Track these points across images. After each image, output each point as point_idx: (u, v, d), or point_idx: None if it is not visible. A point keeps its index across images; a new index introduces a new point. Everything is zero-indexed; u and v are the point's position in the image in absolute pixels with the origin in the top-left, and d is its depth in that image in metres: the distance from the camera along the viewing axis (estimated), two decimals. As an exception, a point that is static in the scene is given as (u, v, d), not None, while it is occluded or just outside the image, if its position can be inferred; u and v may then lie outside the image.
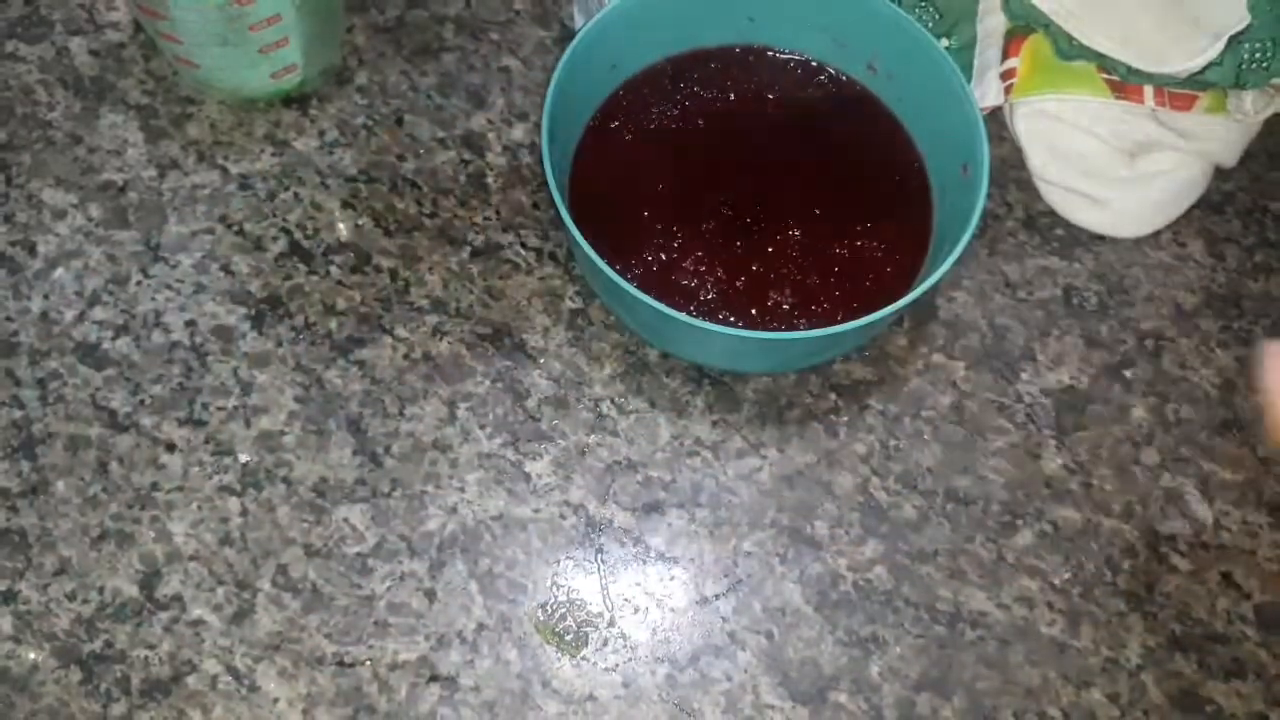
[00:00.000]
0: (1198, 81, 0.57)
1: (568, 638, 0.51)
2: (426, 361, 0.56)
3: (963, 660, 0.52)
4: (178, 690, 0.49)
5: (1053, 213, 0.61)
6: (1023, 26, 0.59)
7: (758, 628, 0.52)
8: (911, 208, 0.57)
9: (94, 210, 0.58)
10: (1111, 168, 0.59)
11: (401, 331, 0.56)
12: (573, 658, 0.51)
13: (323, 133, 0.60)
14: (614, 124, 0.58)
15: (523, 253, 0.58)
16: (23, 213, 0.58)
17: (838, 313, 0.53)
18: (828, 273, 0.56)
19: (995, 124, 0.61)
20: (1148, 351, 0.58)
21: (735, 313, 0.53)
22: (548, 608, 0.52)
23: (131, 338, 0.55)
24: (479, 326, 0.57)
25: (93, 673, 0.50)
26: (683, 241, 0.56)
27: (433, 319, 0.57)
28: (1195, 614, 0.53)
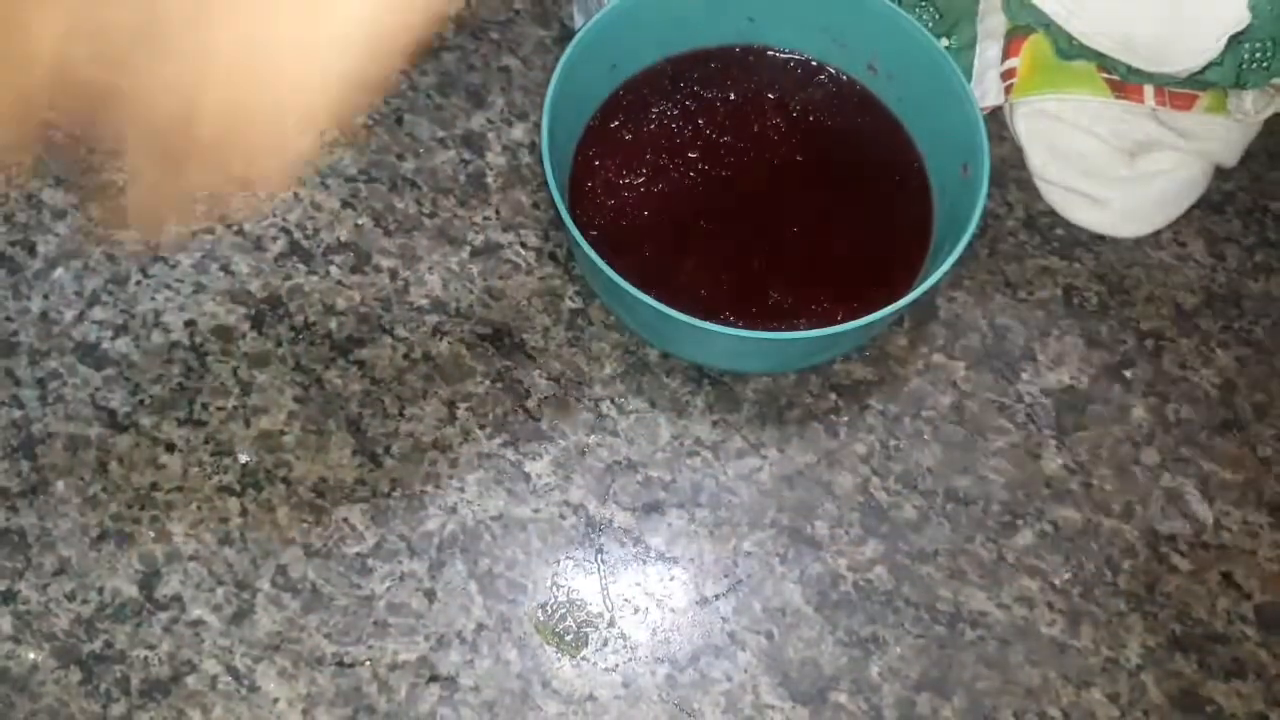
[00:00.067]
0: (1198, 81, 0.57)
1: (568, 638, 0.51)
2: (426, 361, 0.56)
3: (963, 660, 0.52)
4: (178, 690, 0.49)
5: (1053, 213, 0.61)
6: (1023, 26, 0.59)
7: (758, 628, 0.52)
8: (911, 208, 0.57)
9: (94, 210, 0.58)
10: (1111, 168, 0.59)
11: (401, 331, 0.56)
12: (573, 658, 0.51)
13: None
14: (614, 124, 0.58)
15: (523, 253, 0.58)
16: (23, 213, 0.58)
17: (838, 313, 0.53)
18: (828, 273, 0.56)
19: (995, 124, 0.61)
20: (1148, 351, 0.58)
21: (735, 313, 0.53)
22: (548, 608, 0.52)
23: (131, 338, 0.55)
24: (479, 326, 0.57)
25: (93, 673, 0.49)
26: (683, 241, 0.56)
27: (433, 319, 0.57)
28: (1195, 614, 0.53)
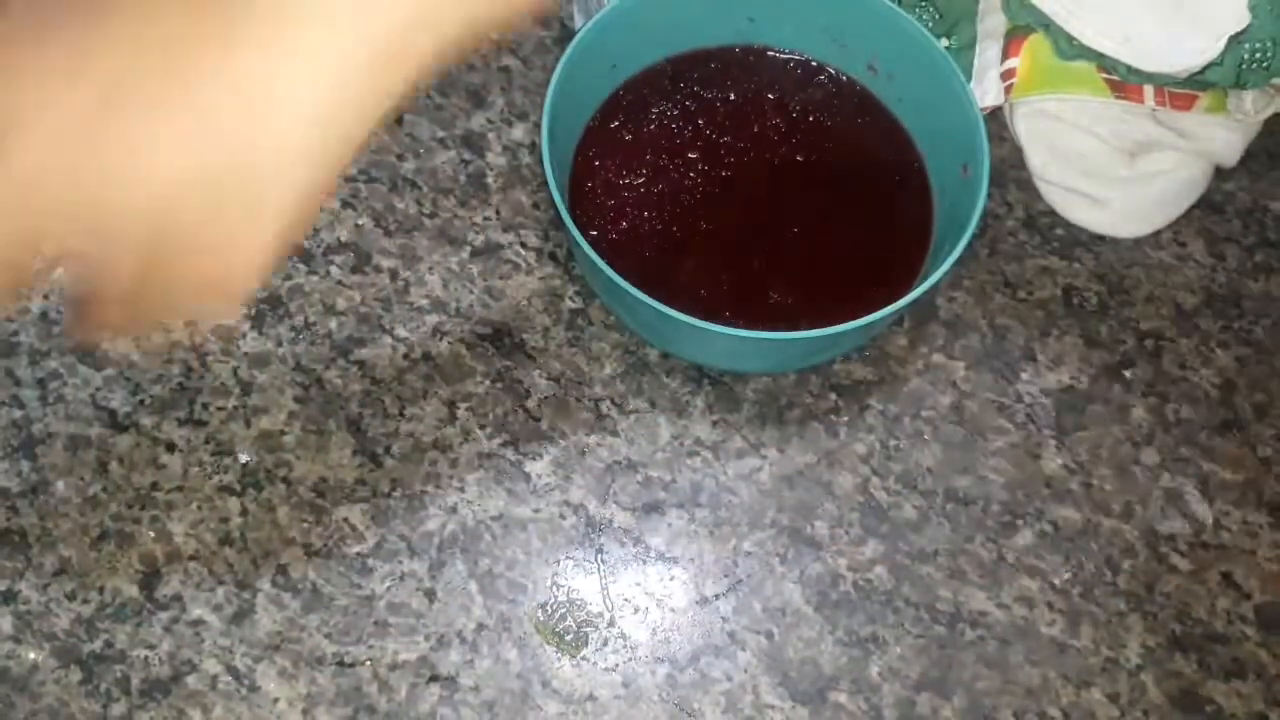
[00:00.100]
0: (1198, 81, 0.57)
1: (568, 638, 0.51)
2: (426, 361, 0.56)
3: (963, 660, 0.52)
4: (178, 690, 0.49)
5: (1053, 213, 0.61)
6: (1023, 26, 0.59)
7: (758, 628, 0.52)
8: (911, 208, 0.57)
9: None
10: (1111, 168, 0.59)
11: (401, 331, 0.56)
12: (573, 658, 0.51)
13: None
14: (614, 124, 0.58)
15: (523, 253, 0.58)
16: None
17: (838, 313, 0.53)
18: (828, 273, 0.56)
19: (995, 124, 0.61)
20: (1148, 351, 0.58)
21: (735, 313, 0.53)
22: (548, 608, 0.52)
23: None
24: (479, 326, 0.57)
25: (93, 673, 0.49)
26: (683, 241, 0.56)
27: (433, 319, 0.57)
28: (1195, 614, 0.53)
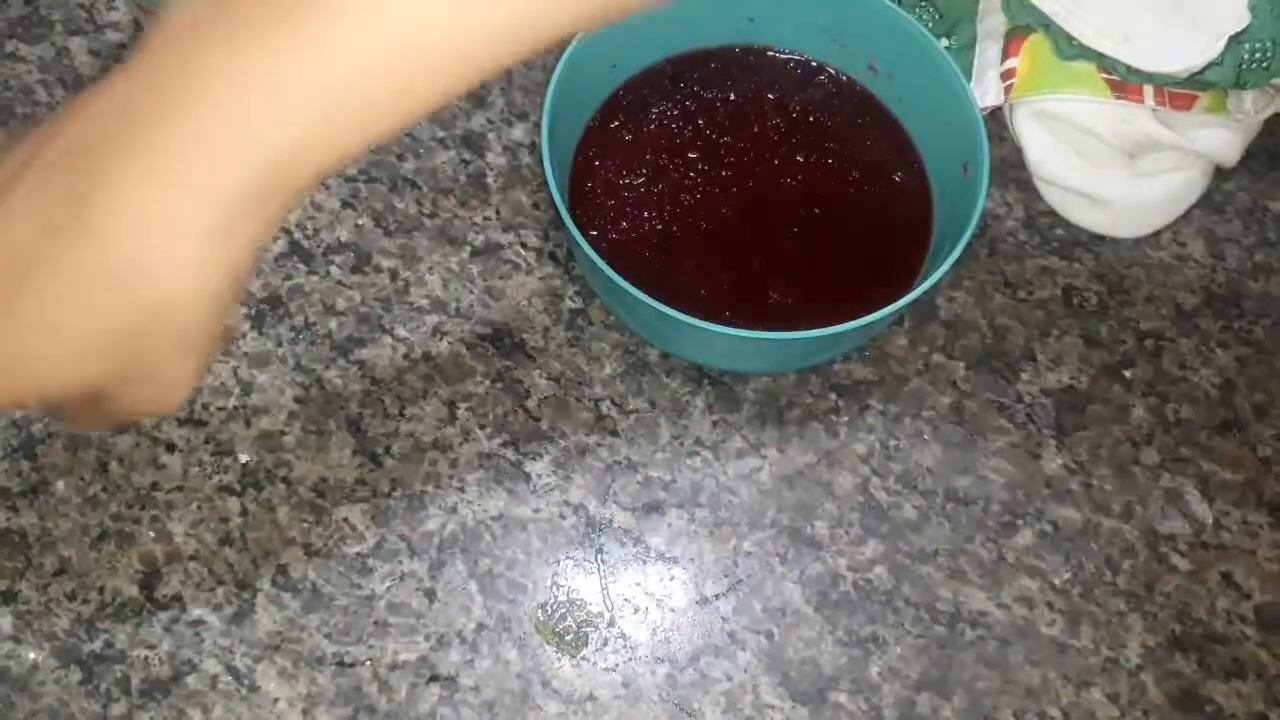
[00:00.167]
0: (1198, 81, 0.57)
1: (568, 638, 0.51)
2: (426, 361, 0.56)
3: (963, 660, 0.52)
4: (178, 690, 0.49)
5: (1053, 213, 0.61)
6: (1023, 26, 0.59)
7: (758, 628, 0.52)
8: (911, 208, 0.57)
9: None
10: (1111, 168, 0.59)
11: (401, 331, 0.56)
12: (573, 658, 0.51)
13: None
14: (614, 124, 0.58)
15: (523, 253, 0.58)
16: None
17: (838, 313, 0.53)
18: (828, 273, 0.56)
19: (995, 124, 0.61)
20: (1148, 351, 0.58)
21: (735, 313, 0.53)
22: (548, 608, 0.52)
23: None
24: (479, 326, 0.57)
25: (93, 673, 0.49)
26: (683, 241, 0.56)
27: (433, 319, 0.57)
28: (1195, 614, 0.53)
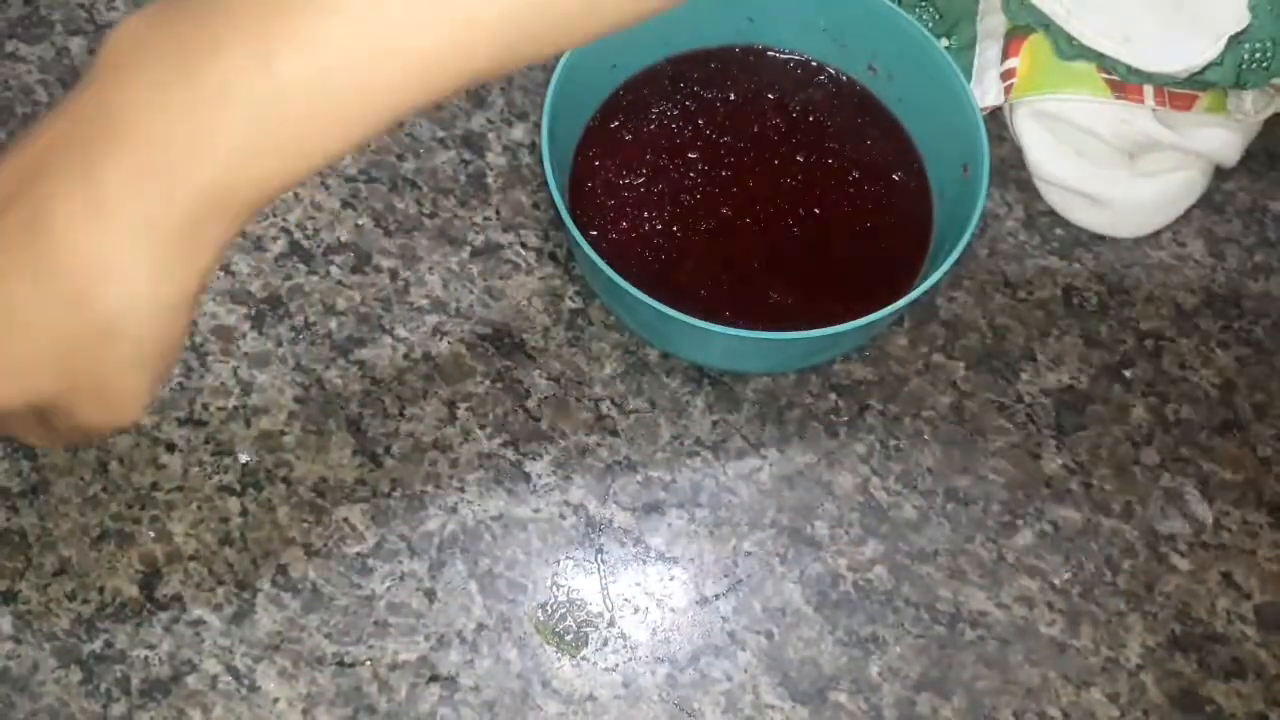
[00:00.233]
0: (1198, 81, 0.57)
1: (568, 638, 0.51)
2: (426, 361, 0.56)
3: (963, 660, 0.52)
4: (178, 690, 0.49)
5: (1053, 213, 0.61)
6: (1023, 26, 0.59)
7: (758, 628, 0.52)
8: (911, 208, 0.57)
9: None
10: (1111, 168, 0.59)
11: (401, 331, 0.56)
12: (573, 658, 0.51)
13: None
14: (614, 124, 0.58)
15: (523, 253, 0.58)
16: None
17: (838, 313, 0.53)
18: (828, 273, 0.56)
19: (995, 124, 0.61)
20: (1148, 351, 0.58)
21: (735, 313, 0.53)
22: (548, 608, 0.52)
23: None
24: (479, 326, 0.57)
25: (93, 673, 0.49)
26: (683, 241, 0.56)
27: (433, 319, 0.57)
28: (1195, 614, 0.53)
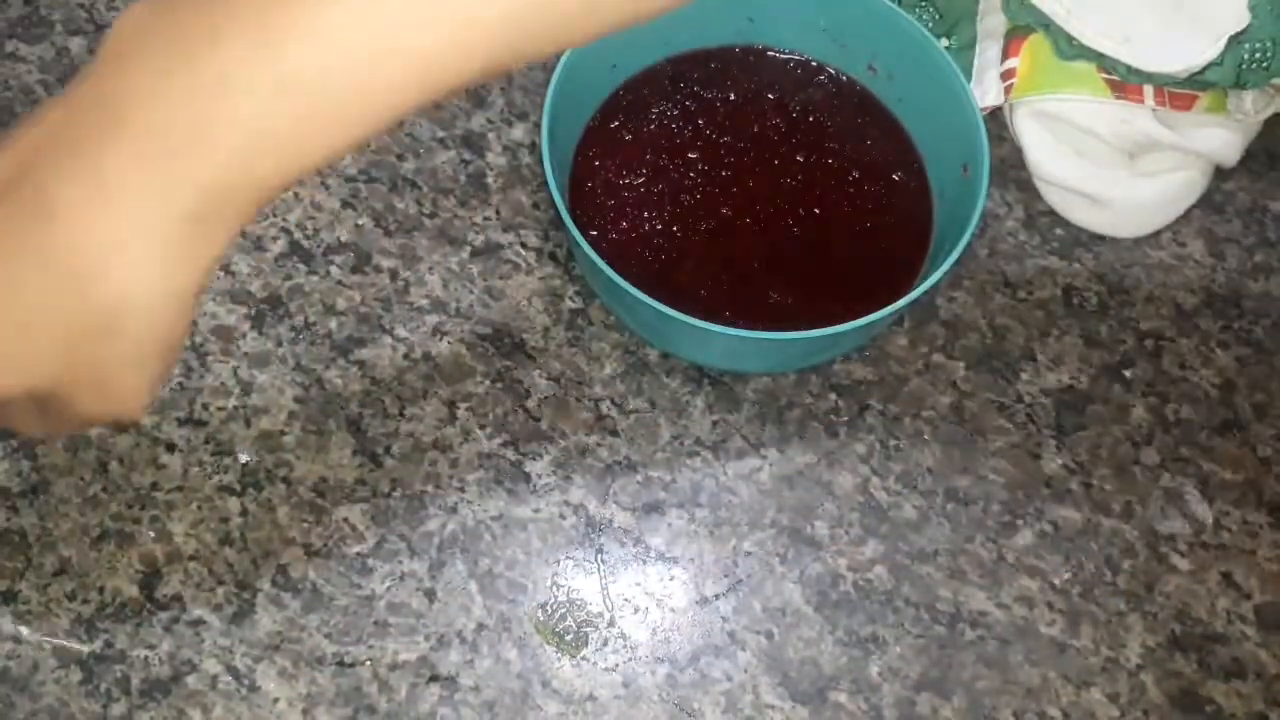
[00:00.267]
0: (1198, 81, 0.57)
1: (568, 638, 0.51)
2: (426, 361, 0.56)
3: (963, 660, 0.52)
4: (178, 690, 0.49)
5: (1053, 213, 0.61)
6: (1023, 26, 0.59)
7: (758, 628, 0.52)
8: (911, 208, 0.57)
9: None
10: (1111, 168, 0.59)
11: (401, 331, 0.56)
12: (573, 658, 0.51)
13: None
14: (614, 124, 0.58)
15: (523, 253, 0.58)
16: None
17: (838, 313, 0.53)
18: (828, 273, 0.56)
19: (995, 124, 0.61)
20: (1148, 351, 0.58)
21: (735, 313, 0.53)
22: (548, 608, 0.52)
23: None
24: (479, 326, 0.57)
25: (93, 673, 0.49)
26: (683, 241, 0.56)
27: (433, 319, 0.57)
28: (1195, 614, 0.53)
